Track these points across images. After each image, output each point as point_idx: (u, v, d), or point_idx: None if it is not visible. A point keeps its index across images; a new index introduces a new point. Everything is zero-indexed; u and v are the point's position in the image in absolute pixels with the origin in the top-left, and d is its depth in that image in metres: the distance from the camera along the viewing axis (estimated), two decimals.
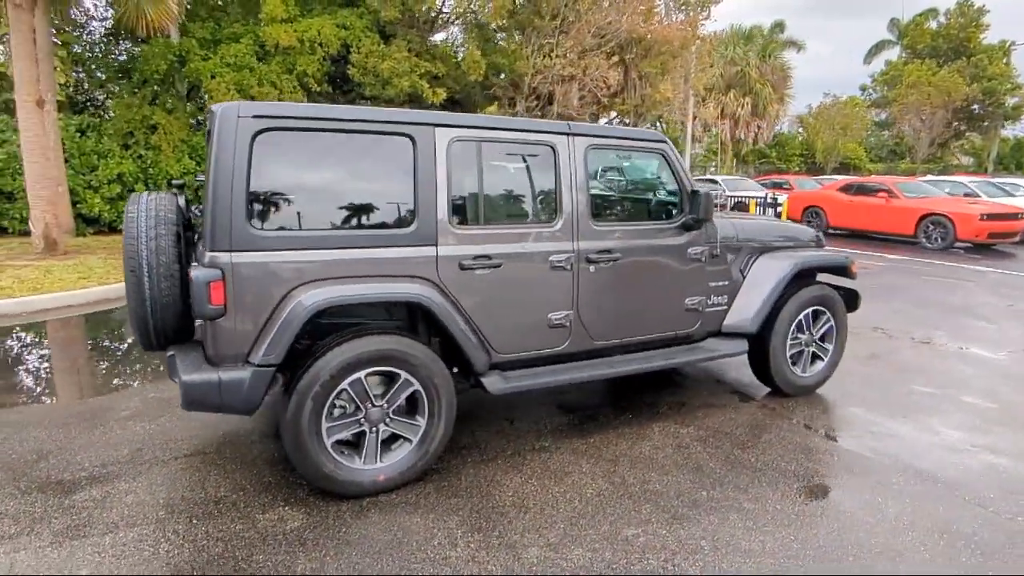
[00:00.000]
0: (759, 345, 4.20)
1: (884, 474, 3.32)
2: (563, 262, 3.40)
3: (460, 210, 3.17)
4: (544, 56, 14.49)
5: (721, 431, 3.83)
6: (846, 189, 14.27)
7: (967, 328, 6.42)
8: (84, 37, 14.44)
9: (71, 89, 14.10)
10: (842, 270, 4.51)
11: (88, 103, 14.88)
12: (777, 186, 17.61)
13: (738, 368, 4.87)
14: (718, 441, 3.69)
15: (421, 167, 3.03)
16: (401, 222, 3.02)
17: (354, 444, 3.02)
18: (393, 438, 3.10)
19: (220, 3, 14.33)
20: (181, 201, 3.24)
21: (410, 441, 3.09)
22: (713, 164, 27.33)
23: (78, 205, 12.01)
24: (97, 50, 14.54)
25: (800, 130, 33.73)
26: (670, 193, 3.90)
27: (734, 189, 15.79)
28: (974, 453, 3.59)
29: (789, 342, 4.24)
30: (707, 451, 3.55)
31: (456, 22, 14.77)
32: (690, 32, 16.57)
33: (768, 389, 4.45)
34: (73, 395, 4.63)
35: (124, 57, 14.53)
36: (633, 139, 3.74)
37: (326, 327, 3.03)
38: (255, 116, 2.72)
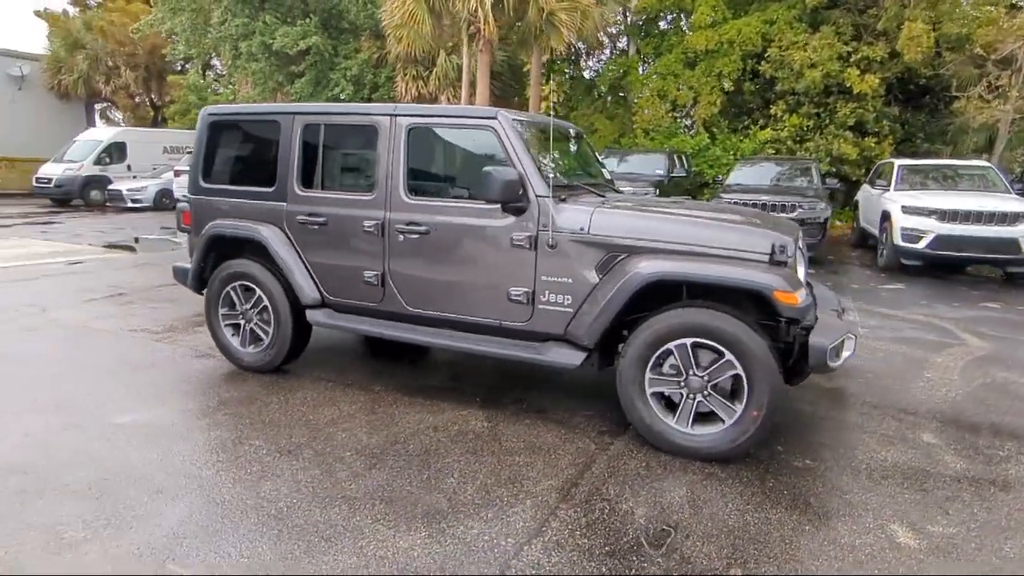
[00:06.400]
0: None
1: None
2: (372, 228, 3.82)
3: (305, 177, 4.06)
4: None
5: (497, 438, 3.41)
6: None
7: None
8: (578, 63, 18.52)
9: (558, 108, 18.24)
10: (756, 296, 2.93)
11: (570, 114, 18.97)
12: None
13: None
14: (471, 444, 3.34)
15: (282, 144, 4.10)
16: (268, 183, 4.18)
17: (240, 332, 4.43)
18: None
19: (667, 18, 15.87)
20: None
21: (262, 342, 4.29)
22: None
23: None
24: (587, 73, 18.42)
25: None
26: None
27: None
28: None
29: (651, 375, 3.18)
30: (430, 442, 3.35)
31: None
32: None
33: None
34: None
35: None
36: (460, 116, 3.64)
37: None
38: (210, 113, 4.43)
